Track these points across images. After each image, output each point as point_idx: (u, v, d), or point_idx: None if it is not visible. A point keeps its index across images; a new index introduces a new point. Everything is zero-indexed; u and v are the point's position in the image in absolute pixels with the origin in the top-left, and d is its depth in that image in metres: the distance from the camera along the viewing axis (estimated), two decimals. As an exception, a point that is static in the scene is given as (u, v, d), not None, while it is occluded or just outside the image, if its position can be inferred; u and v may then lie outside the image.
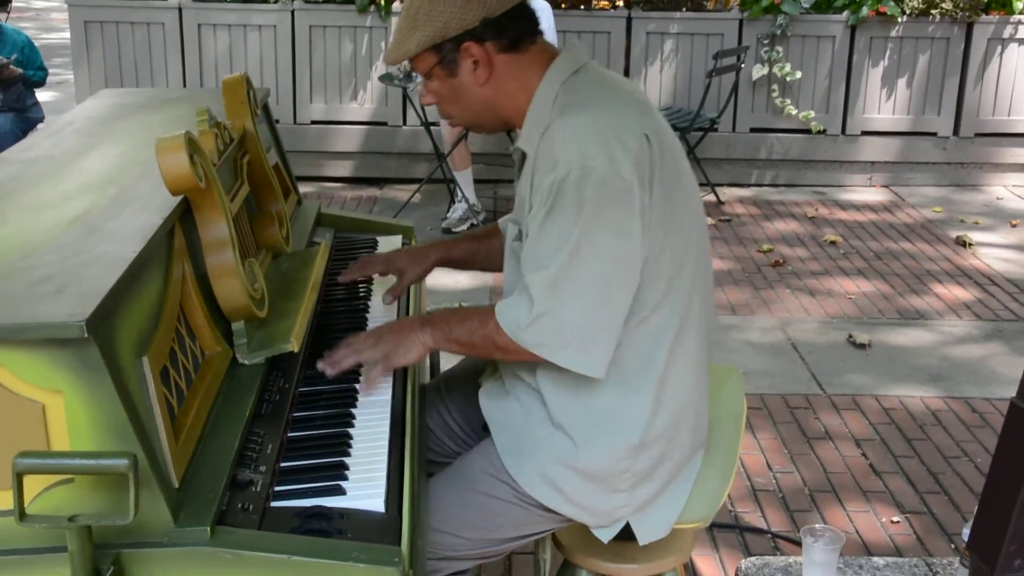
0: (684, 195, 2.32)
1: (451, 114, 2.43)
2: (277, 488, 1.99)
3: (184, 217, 2.20)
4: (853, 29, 8.69)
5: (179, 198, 2.16)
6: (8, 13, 13.49)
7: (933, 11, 8.60)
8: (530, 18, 2.34)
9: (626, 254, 2.20)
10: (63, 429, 1.69)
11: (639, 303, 2.27)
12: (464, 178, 7.61)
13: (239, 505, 1.87)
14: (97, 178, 2.43)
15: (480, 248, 2.92)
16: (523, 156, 2.38)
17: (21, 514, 1.64)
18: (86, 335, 1.63)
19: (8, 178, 2.48)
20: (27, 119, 8.03)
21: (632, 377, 2.32)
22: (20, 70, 7.89)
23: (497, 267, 2.94)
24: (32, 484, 1.68)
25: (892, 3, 8.50)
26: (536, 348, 2.24)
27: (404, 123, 8.85)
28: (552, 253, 2.18)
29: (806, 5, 8.64)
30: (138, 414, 1.74)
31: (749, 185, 8.88)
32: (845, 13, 8.64)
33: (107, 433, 1.69)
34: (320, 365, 2.40)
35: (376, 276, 3.00)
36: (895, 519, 3.97)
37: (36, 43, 8.39)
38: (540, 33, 2.37)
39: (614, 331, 2.24)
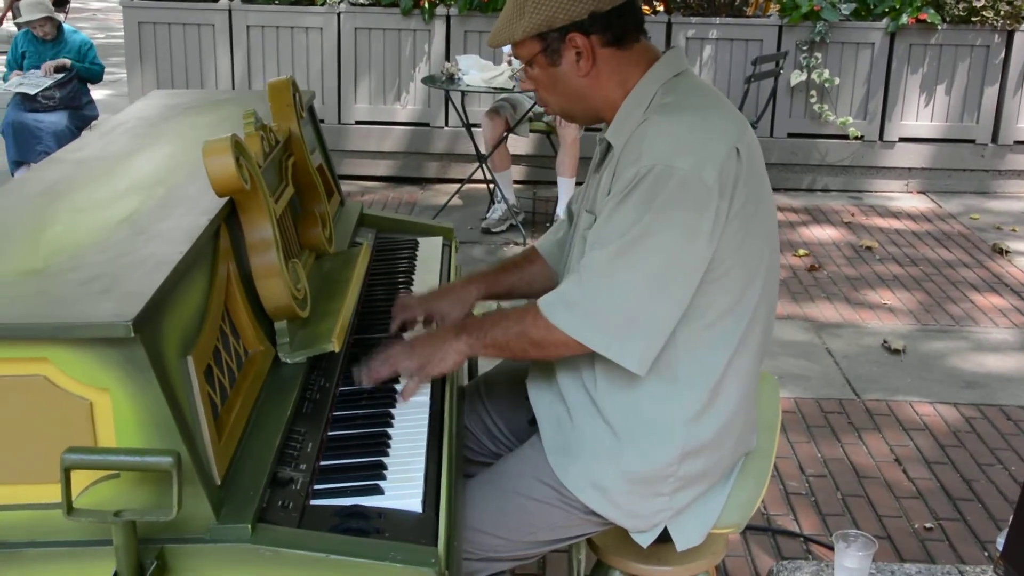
0: (764, 214, 2.34)
1: (547, 102, 2.44)
2: (316, 486, 2.02)
3: (230, 218, 2.23)
4: (892, 36, 8.68)
5: (225, 199, 2.20)
6: (67, 13, 13.65)
7: (974, 19, 8.57)
8: (637, 15, 2.35)
9: (687, 256, 2.20)
10: (110, 426, 1.73)
11: (703, 309, 2.27)
12: (504, 179, 7.65)
13: (279, 503, 1.90)
14: (146, 179, 2.47)
15: (522, 276, 2.89)
16: (607, 148, 2.41)
17: (69, 508, 1.67)
18: (132, 335, 1.66)
19: (61, 178, 2.52)
20: (82, 116, 8.18)
21: (687, 381, 2.33)
22: (68, 61, 8.00)
23: (540, 291, 2.94)
24: (79, 478, 1.72)
25: (932, 11, 8.48)
26: (574, 330, 2.23)
27: (446, 124, 8.92)
28: (614, 237, 2.19)
29: (846, 12, 8.63)
30: (182, 412, 1.77)
31: (786, 190, 8.87)
32: (885, 20, 8.63)
33: (152, 430, 1.72)
34: (357, 375, 2.41)
35: (416, 275, 3.02)
36: (928, 525, 3.97)
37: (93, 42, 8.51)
38: (645, 32, 2.38)
39: (659, 329, 2.23)
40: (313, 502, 1.97)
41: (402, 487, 2.05)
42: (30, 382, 1.70)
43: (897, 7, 8.58)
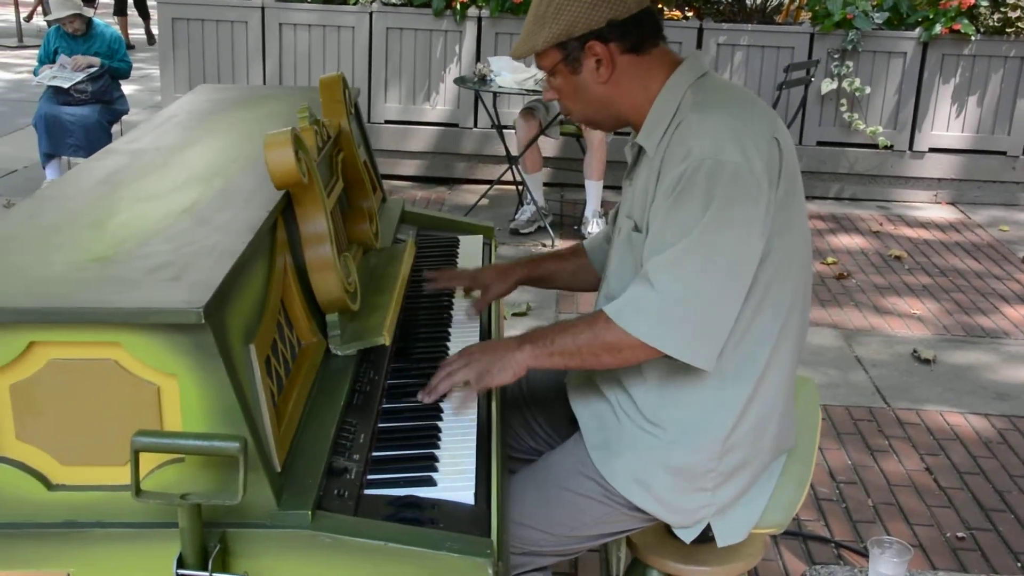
0: (798, 205, 2.36)
1: (571, 110, 2.47)
2: (370, 476, 2.05)
3: (285, 211, 2.26)
4: (925, 46, 8.66)
5: (282, 192, 2.23)
6: (95, 8, 13.68)
7: (1008, 30, 8.55)
8: (655, 22, 2.39)
9: (748, 249, 2.23)
10: (176, 411, 1.76)
11: (748, 301, 2.29)
12: (534, 181, 7.67)
13: (335, 492, 1.93)
14: (203, 171, 2.50)
15: (565, 267, 2.95)
16: (639, 153, 2.44)
17: (137, 490, 1.70)
18: (203, 321, 1.69)
19: (118, 168, 2.55)
20: (113, 111, 8.22)
21: (732, 376, 2.35)
22: (96, 60, 8.04)
23: (581, 286, 2.96)
24: (145, 461, 1.74)
25: (966, 21, 8.46)
26: (649, 336, 2.22)
27: (475, 125, 8.94)
28: (677, 239, 2.20)
29: (878, 21, 8.61)
30: (246, 399, 1.80)
31: (815, 198, 8.86)
32: (918, 30, 8.61)
33: (217, 416, 1.75)
34: (419, 395, 2.38)
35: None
36: (960, 535, 3.98)
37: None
38: (664, 38, 2.41)
39: (728, 325, 2.26)
40: (367, 492, 2.00)
41: (454, 479, 2.08)
42: (102, 366, 1.73)
43: (931, 17, 8.56)
